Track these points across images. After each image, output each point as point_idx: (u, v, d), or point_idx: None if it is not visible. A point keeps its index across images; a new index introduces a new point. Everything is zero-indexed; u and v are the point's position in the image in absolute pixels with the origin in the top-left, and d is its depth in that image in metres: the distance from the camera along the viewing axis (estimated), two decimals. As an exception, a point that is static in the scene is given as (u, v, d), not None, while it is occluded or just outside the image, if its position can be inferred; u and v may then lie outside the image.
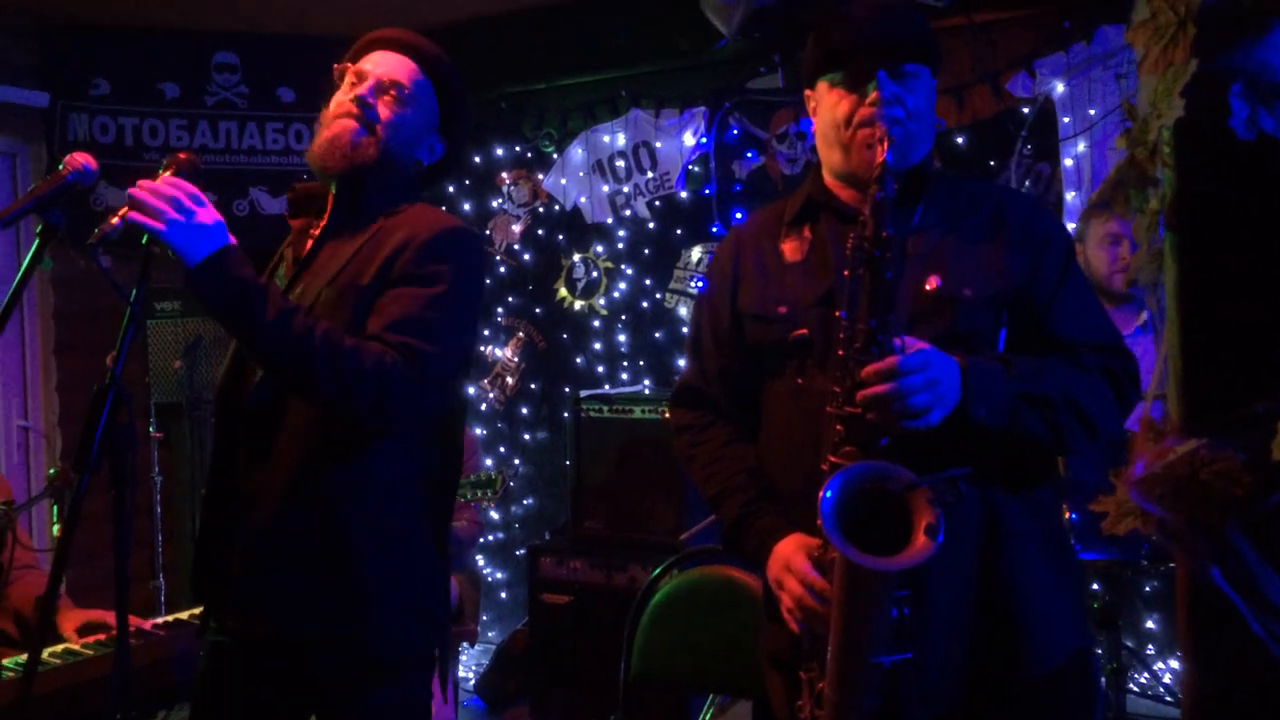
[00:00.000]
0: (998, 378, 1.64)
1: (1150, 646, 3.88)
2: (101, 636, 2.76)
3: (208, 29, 5.05)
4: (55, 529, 1.78)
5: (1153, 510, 1.27)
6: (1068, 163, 4.05)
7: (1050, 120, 4.07)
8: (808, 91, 1.87)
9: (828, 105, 1.79)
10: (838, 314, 1.66)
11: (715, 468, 1.89)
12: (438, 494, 2.07)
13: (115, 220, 1.77)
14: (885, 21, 1.75)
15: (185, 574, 2.17)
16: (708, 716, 3.08)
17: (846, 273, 1.65)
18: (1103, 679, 3.36)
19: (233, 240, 1.84)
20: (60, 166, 1.92)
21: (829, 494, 1.53)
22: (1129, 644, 3.67)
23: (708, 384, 1.97)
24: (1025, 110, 4.08)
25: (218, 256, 1.79)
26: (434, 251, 1.93)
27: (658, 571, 2.91)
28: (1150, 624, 3.87)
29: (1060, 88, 4.03)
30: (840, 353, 1.63)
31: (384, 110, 2.02)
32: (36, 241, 1.84)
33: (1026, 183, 4.13)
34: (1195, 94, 1.23)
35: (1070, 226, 4.01)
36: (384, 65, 2.06)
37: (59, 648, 2.70)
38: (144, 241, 1.80)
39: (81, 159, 1.93)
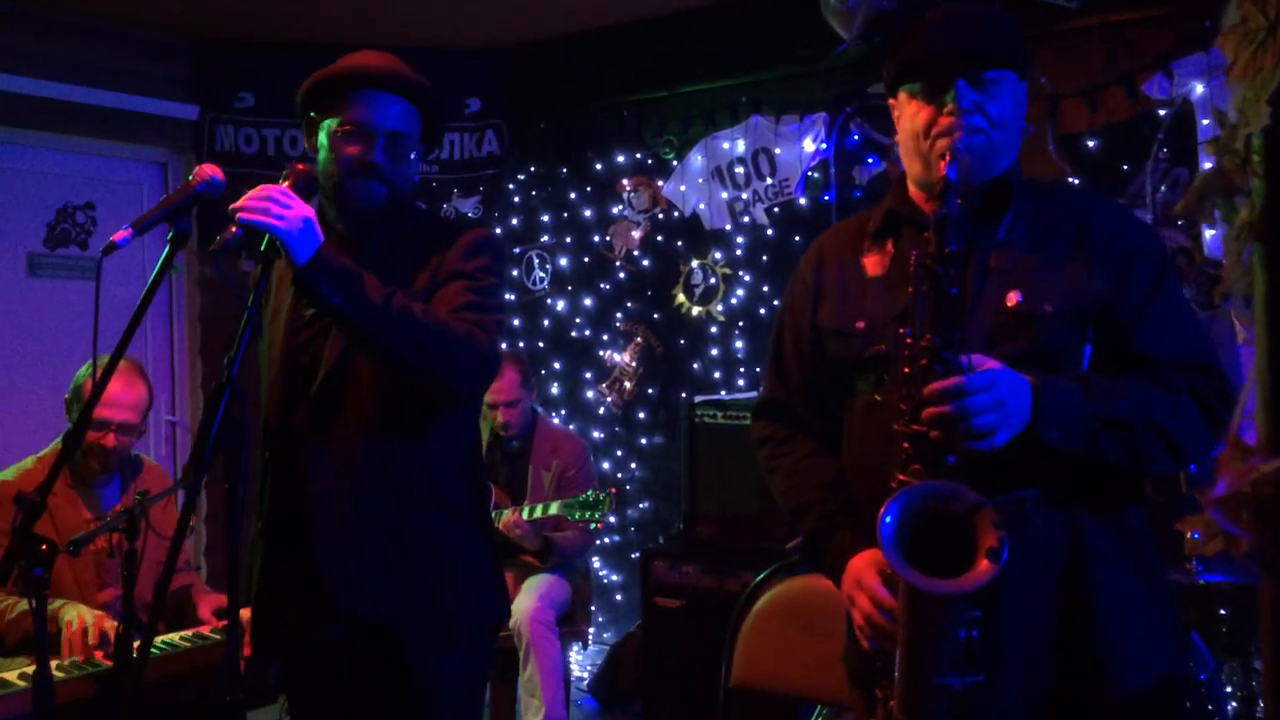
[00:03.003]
0: (1073, 399, 1.59)
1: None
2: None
3: (347, 43, 5.25)
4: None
5: (1235, 531, 1.22)
6: (1207, 167, 3.88)
7: (1189, 123, 3.88)
8: (891, 101, 1.83)
9: (908, 115, 1.76)
10: (901, 330, 1.63)
11: (794, 480, 1.89)
12: (475, 462, 2.23)
13: (234, 229, 1.89)
14: (962, 29, 1.71)
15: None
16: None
17: (911, 289, 1.63)
18: (1232, 705, 3.21)
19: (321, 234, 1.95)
20: (190, 178, 2.05)
21: (888, 517, 1.51)
22: (1265, 672, 3.49)
23: (789, 396, 1.96)
24: (1162, 113, 3.91)
25: (323, 251, 1.91)
26: (470, 252, 2.15)
27: (760, 578, 2.91)
28: (1289, 652, 3.67)
29: (1200, 89, 3.84)
30: (906, 369, 1.60)
31: (393, 164, 2.14)
32: (167, 248, 1.96)
33: (1163, 188, 3.96)
34: (1285, 102, 1.18)
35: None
36: (383, 114, 2.16)
37: (189, 631, 2.87)
38: (262, 248, 1.92)
39: (209, 170, 2.05)
